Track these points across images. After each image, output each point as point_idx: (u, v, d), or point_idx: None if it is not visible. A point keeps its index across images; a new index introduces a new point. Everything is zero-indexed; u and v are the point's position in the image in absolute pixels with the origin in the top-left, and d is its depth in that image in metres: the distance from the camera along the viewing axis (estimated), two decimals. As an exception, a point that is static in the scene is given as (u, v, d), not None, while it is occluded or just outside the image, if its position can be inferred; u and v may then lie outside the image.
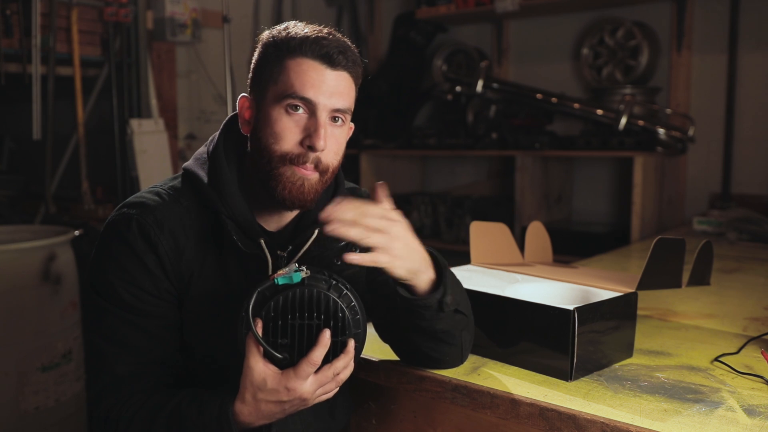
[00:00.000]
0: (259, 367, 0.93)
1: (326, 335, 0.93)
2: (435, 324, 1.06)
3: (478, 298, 1.22)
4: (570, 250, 2.77)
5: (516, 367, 1.17)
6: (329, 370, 0.94)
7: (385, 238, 0.96)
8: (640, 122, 2.89)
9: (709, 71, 3.06)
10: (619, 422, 0.95)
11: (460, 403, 1.11)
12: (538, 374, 1.14)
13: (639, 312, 1.25)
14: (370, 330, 1.29)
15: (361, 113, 4.30)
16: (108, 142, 3.11)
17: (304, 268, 0.98)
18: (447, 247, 3.35)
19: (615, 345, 1.19)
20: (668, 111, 3.04)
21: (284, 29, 1.07)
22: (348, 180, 1.30)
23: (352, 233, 0.94)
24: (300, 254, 1.11)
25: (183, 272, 1.07)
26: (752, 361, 1.20)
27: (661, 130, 2.89)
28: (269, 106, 1.05)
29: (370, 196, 1.29)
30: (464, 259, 1.48)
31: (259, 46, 1.10)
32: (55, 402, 2.42)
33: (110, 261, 1.06)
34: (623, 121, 2.85)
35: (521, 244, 1.53)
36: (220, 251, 1.08)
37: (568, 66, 3.46)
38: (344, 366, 0.96)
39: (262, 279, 0.98)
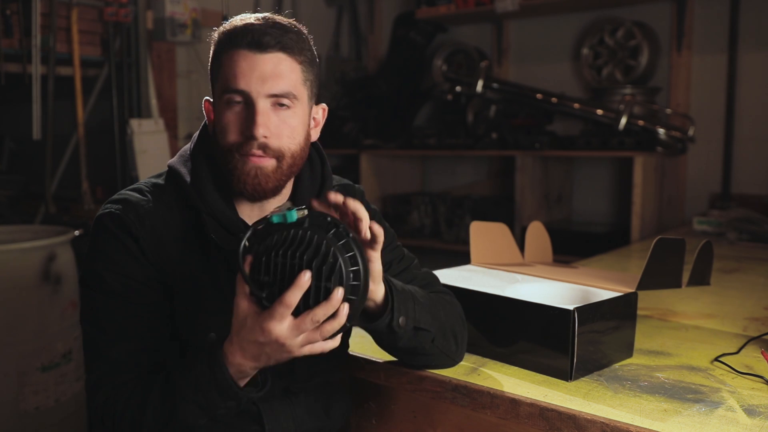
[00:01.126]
0: (243, 304, 0.92)
1: (304, 277, 0.87)
2: (395, 343, 1.07)
3: (478, 298, 1.22)
4: (570, 250, 2.77)
5: (516, 367, 1.17)
6: (308, 317, 0.88)
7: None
8: (640, 122, 2.89)
9: (709, 71, 3.06)
10: (619, 422, 0.95)
11: (460, 403, 1.11)
12: (538, 374, 1.14)
13: (639, 312, 1.25)
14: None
15: (361, 113, 4.29)
16: (108, 142, 3.11)
17: (303, 207, 0.94)
18: (447, 247, 3.35)
19: (615, 345, 1.19)
20: (668, 111, 3.04)
21: (225, 25, 1.09)
22: (348, 179, 1.30)
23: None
24: None
25: (165, 265, 1.08)
26: (752, 361, 1.20)
27: (661, 130, 2.89)
28: (216, 102, 1.09)
29: (364, 194, 1.29)
30: (464, 259, 1.48)
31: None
32: (55, 402, 2.42)
33: (98, 253, 1.09)
34: (623, 121, 2.85)
35: (521, 244, 1.53)
36: (204, 247, 1.10)
37: (568, 66, 3.46)
38: (325, 314, 0.88)
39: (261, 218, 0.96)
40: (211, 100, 1.13)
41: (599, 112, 3.02)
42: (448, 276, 1.35)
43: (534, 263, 1.51)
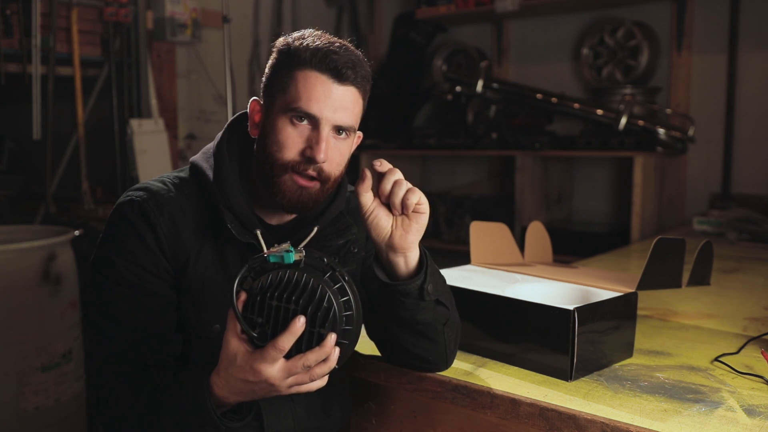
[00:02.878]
0: (234, 342, 0.93)
1: (298, 322, 0.89)
2: (416, 314, 1.06)
3: (479, 298, 1.22)
4: (570, 250, 2.77)
5: (516, 367, 1.17)
6: (299, 361, 0.90)
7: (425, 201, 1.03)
8: (640, 122, 2.89)
9: (709, 71, 3.06)
10: (619, 422, 0.95)
11: (460, 403, 1.11)
12: (538, 374, 1.14)
13: (639, 312, 1.25)
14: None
15: (361, 113, 4.18)
16: (108, 142, 3.11)
17: (301, 249, 0.95)
18: (447, 247, 3.35)
19: (615, 345, 1.19)
20: (668, 111, 3.04)
21: (299, 38, 1.09)
22: (349, 180, 1.31)
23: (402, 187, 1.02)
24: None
25: (179, 254, 1.10)
26: (752, 361, 1.20)
27: (661, 130, 2.89)
28: (276, 114, 1.08)
29: None
30: (464, 259, 1.48)
31: (274, 52, 1.12)
32: (55, 402, 2.42)
33: (112, 240, 1.11)
34: (623, 121, 2.85)
35: (521, 244, 1.53)
36: (219, 240, 1.11)
37: (568, 66, 3.46)
38: (316, 359, 0.90)
39: (258, 254, 0.96)
40: (261, 102, 1.13)
41: (599, 112, 3.02)
42: (448, 276, 1.34)
43: (534, 263, 1.51)
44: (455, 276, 1.35)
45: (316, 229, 1.16)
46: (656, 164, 2.85)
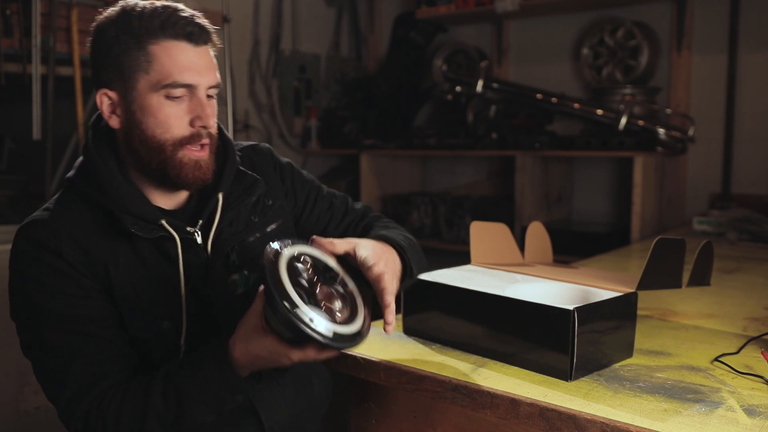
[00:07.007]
0: (269, 340, 0.95)
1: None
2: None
3: (479, 298, 1.22)
4: (570, 250, 2.77)
5: (516, 367, 1.17)
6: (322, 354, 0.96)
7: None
8: (640, 122, 2.89)
9: (709, 71, 3.06)
10: (619, 422, 0.95)
11: (460, 403, 1.11)
12: (538, 374, 1.14)
13: (639, 312, 1.25)
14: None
15: (361, 113, 4.26)
16: (108, 142, 3.11)
17: (245, 272, 1.00)
18: (447, 247, 3.35)
19: (615, 345, 1.19)
20: (668, 111, 3.04)
21: (130, 10, 1.07)
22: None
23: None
24: (213, 231, 1.13)
25: (96, 267, 1.06)
26: (752, 361, 1.20)
27: (661, 130, 2.90)
28: (145, 96, 1.04)
29: (272, 152, 1.30)
30: (464, 259, 1.48)
31: (97, 32, 1.09)
32: (55, 402, 2.42)
33: (27, 282, 1.05)
34: (623, 121, 2.85)
35: (521, 244, 1.53)
36: (130, 243, 1.08)
37: (568, 66, 3.46)
38: (326, 357, 0.99)
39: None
40: (109, 91, 1.07)
41: (599, 112, 3.02)
42: (448, 276, 1.35)
43: (534, 263, 1.51)
44: (455, 276, 1.35)
45: (221, 195, 1.14)
46: (656, 164, 2.85)
